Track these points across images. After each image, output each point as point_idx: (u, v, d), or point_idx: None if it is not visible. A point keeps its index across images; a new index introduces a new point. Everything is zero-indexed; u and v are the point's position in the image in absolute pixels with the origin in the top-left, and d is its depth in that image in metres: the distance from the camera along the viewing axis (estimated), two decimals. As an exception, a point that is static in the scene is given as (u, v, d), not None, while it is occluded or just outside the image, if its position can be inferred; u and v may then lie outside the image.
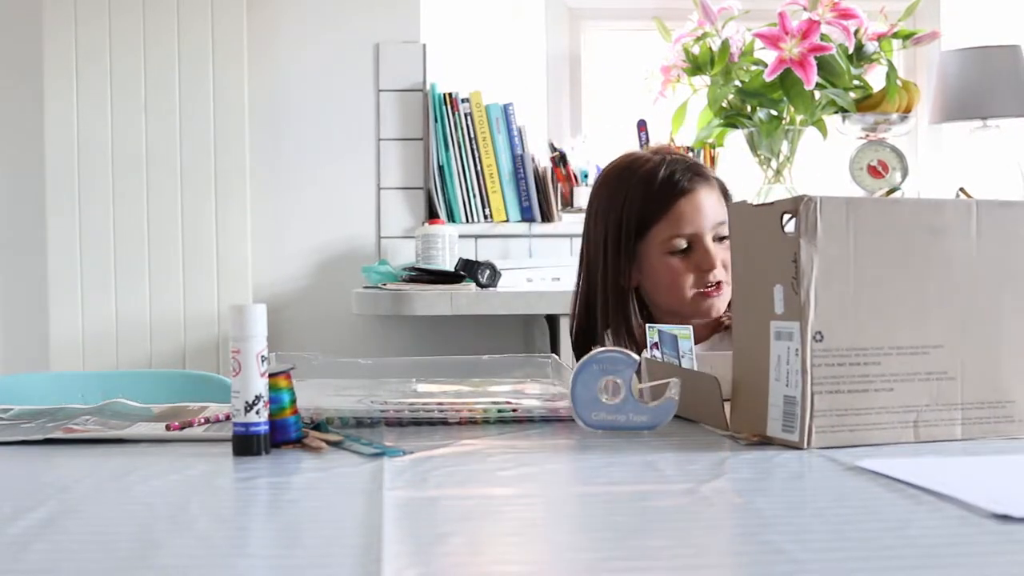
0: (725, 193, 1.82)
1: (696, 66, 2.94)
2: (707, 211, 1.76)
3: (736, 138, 3.03)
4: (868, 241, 1.17)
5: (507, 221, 3.08)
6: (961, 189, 2.99)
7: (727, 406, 1.28)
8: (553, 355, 1.58)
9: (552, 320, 2.76)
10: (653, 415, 1.27)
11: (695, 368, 1.43)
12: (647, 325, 1.51)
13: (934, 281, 1.20)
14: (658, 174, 1.76)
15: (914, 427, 1.19)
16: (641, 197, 1.76)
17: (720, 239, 1.76)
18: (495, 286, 2.78)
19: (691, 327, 1.49)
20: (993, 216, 1.22)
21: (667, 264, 1.76)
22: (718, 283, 1.75)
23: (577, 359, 1.72)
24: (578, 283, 1.87)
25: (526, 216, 3.09)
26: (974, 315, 1.21)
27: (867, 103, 2.98)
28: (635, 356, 1.30)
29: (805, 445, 1.14)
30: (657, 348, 1.46)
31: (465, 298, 2.69)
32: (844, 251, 1.17)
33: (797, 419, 1.15)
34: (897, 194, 2.95)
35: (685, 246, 1.76)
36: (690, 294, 1.77)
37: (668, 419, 1.28)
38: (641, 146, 3.07)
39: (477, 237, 3.08)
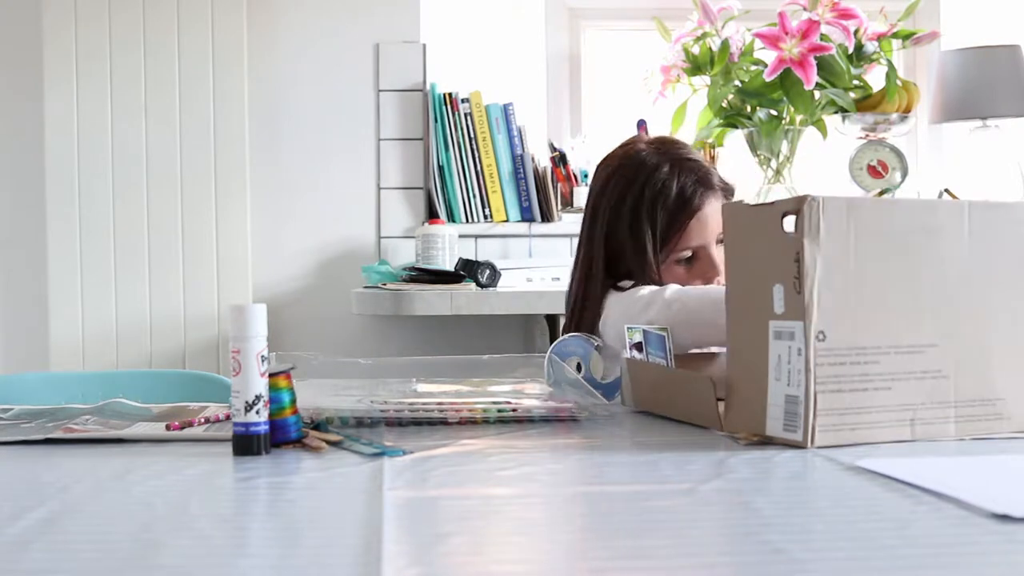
0: (728, 194, 1.86)
1: (696, 66, 2.94)
2: (712, 224, 1.81)
3: (736, 138, 3.03)
4: (867, 241, 1.18)
5: (507, 221, 3.08)
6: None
7: (720, 406, 1.28)
8: (554, 355, 1.58)
9: (552, 320, 2.76)
10: (606, 388, 1.48)
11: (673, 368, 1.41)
12: (626, 326, 1.50)
13: (929, 281, 1.20)
14: (671, 187, 1.79)
15: (911, 425, 1.19)
16: (652, 206, 1.79)
17: (720, 242, 1.80)
18: (495, 286, 2.78)
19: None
20: (984, 217, 1.23)
21: (673, 272, 1.80)
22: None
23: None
24: (573, 278, 1.90)
25: (526, 216, 3.09)
26: (966, 314, 1.22)
27: (867, 103, 2.98)
28: (592, 339, 1.52)
29: (809, 444, 1.15)
30: (638, 349, 1.45)
31: (465, 298, 2.68)
32: (845, 251, 1.17)
33: (800, 418, 1.15)
34: (888, 195, 2.94)
35: (690, 255, 1.81)
36: None
37: (616, 391, 1.49)
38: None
39: (477, 237, 3.08)
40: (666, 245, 1.80)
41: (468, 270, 2.77)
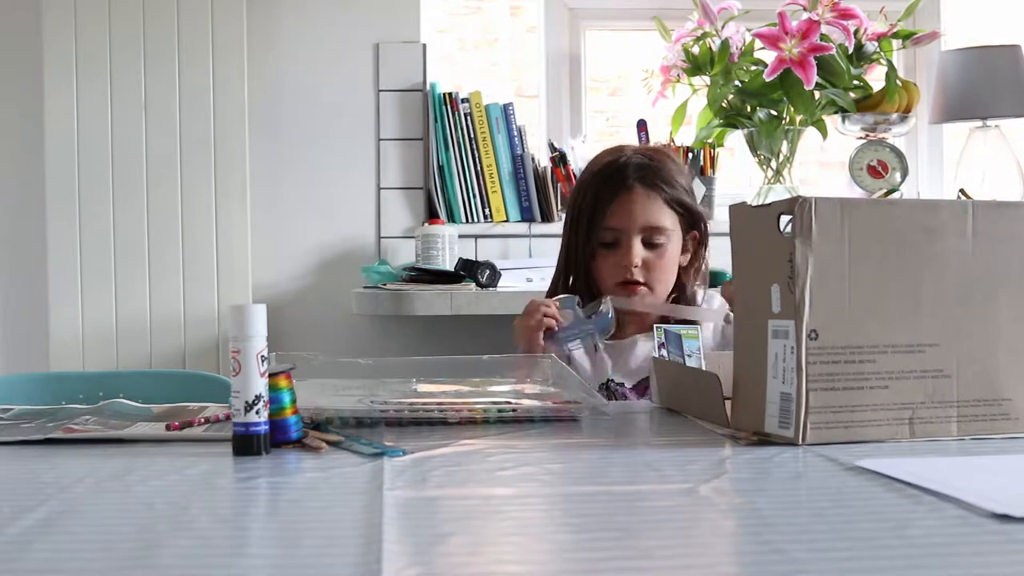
0: (674, 205, 1.92)
1: (696, 66, 2.94)
2: (637, 213, 1.89)
3: (736, 138, 3.03)
4: (863, 241, 1.18)
5: (507, 221, 3.07)
6: (961, 191, 2.99)
7: (728, 403, 1.29)
8: (552, 355, 1.58)
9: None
10: (596, 323, 1.69)
11: (703, 367, 1.44)
12: (655, 326, 1.54)
13: (929, 281, 1.21)
14: (609, 170, 1.92)
15: (910, 424, 1.19)
16: (590, 188, 1.93)
17: (651, 244, 1.89)
18: (495, 286, 2.78)
19: (699, 327, 1.51)
20: (989, 216, 1.23)
21: (597, 251, 1.91)
22: (636, 281, 1.88)
23: None
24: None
25: (526, 216, 3.08)
26: (970, 314, 1.22)
27: (867, 103, 2.98)
28: (572, 296, 1.77)
29: (800, 441, 1.15)
30: (664, 347, 1.48)
31: (465, 298, 2.69)
32: (839, 251, 1.17)
33: (792, 415, 1.16)
34: (896, 195, 2.95)
35: (612, 240, 1.90)
36: (610, 284, 1.90)
37: (608, 322, 1.67)
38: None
39: (477, 237, 3.08)
40: (593, 221, 1.92)
41: (468, 270, 2.77)
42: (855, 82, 2.91)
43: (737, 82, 2.89)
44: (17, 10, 3.03)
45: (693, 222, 1.95)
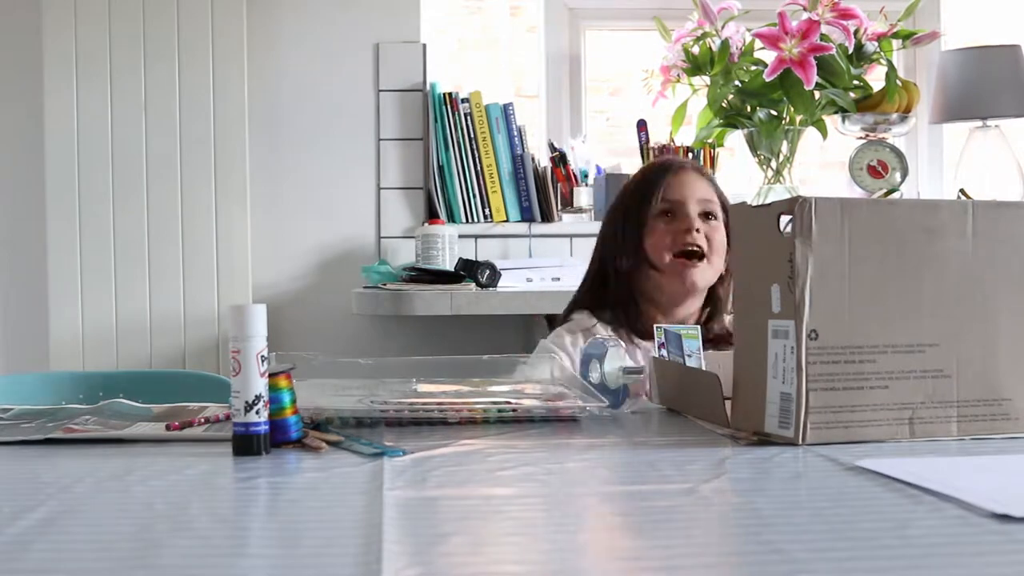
0: (718, 193, 1.96)
1: (696, 66, 2.94)
2: (692, 186, 1.92)
3: (736, 138, 3.03)
4: (863, 241, 1.18)
5: (507, 221, 3.07)
6: (961, 191, 2.99)
7: (728, 403, 1.29)
8: (554, 355, 1.58)
9: (552, 320, 2.76)
10: (612, 397, 1.41)
11: (703, 367, 1.44)
12: (655, 326, 1.53)
13: (929, 281, 1.21)
14: (657, 162, 2.02)
15: (910, 424, 1.19)
16: (640, 178, 1.97)
17: (706, 216, 1.90)
18: (495, 286, 2.78)
19: (699, 327, 1.51)
20: (989, 216, 1.23)
21: (652, 226, 1.89)
22: (698, 255, 1.86)
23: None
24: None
25: (526, 216, 3.09)
26: (970, 314, 1.22)
27: (867, 103, 2.98)
28: (610, 342, 1.46)
29: (800, 441, 1.15)
30: (664, 348, 1.47)
31: (465, 298, 2.69)
32: (839, 251, 1.17)
33: (792, 415, 1.16)
34: (896, 195, 2.95)
35: (668, 208, 1.90)
36: (667, 258, 1.88)
37: (622, 404, 1.42)
38: (641, 146, 3.07)
39: (477, 237, 3.08)
40: (645, 202, 1.92)
41: (468, 270, 2.77)
42: (855, 82, 2.91)
43: (737, 82, 2.89)
44: (17, 10, 3.03)
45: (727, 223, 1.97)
